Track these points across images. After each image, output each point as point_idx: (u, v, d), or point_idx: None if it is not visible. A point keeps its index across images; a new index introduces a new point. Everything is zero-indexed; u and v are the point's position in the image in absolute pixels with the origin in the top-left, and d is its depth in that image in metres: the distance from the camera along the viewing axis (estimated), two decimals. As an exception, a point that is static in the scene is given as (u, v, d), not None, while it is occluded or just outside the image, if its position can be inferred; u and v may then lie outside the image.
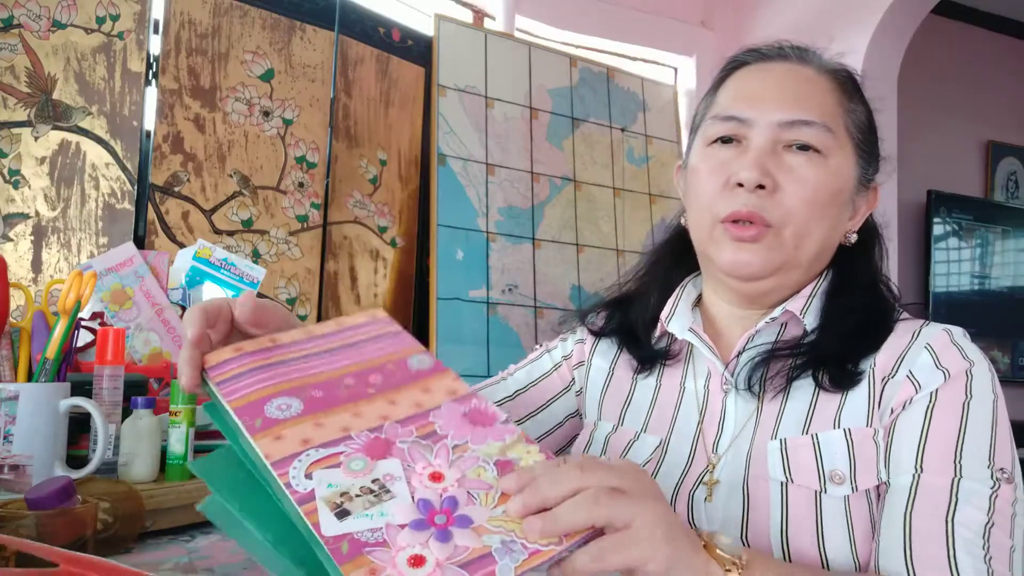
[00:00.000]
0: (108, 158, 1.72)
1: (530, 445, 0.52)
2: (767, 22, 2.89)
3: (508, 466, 0.50)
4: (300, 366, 0.57)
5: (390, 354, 0.59)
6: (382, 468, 0.48)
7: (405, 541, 0.44)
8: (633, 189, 2.63)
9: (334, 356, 0.58)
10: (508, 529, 0.46)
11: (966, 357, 0.69)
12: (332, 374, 0.56)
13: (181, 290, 1.24)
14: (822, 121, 0.73)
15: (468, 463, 0.50)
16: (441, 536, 0.44)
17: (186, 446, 0.87)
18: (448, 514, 0.46)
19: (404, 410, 0.54)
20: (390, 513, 0.45)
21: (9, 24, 1.63)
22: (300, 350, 0.58)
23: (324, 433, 0.50)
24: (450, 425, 0.53)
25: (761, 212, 0.71)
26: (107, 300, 1.16)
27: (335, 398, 0.54)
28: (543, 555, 0.45)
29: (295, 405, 0.53)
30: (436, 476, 0.49)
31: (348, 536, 0.44)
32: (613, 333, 0.89)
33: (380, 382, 0.56)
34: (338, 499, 0.46)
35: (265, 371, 0.55)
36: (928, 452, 0.65)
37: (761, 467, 0.71)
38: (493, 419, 0.53)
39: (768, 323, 0.76)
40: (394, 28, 2.28)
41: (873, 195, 0.80)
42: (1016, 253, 3.58)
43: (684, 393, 0.80)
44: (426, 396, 0.55)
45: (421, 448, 0.50)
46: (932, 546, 0.61)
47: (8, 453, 0.79)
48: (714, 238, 0.75)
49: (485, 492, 0.48)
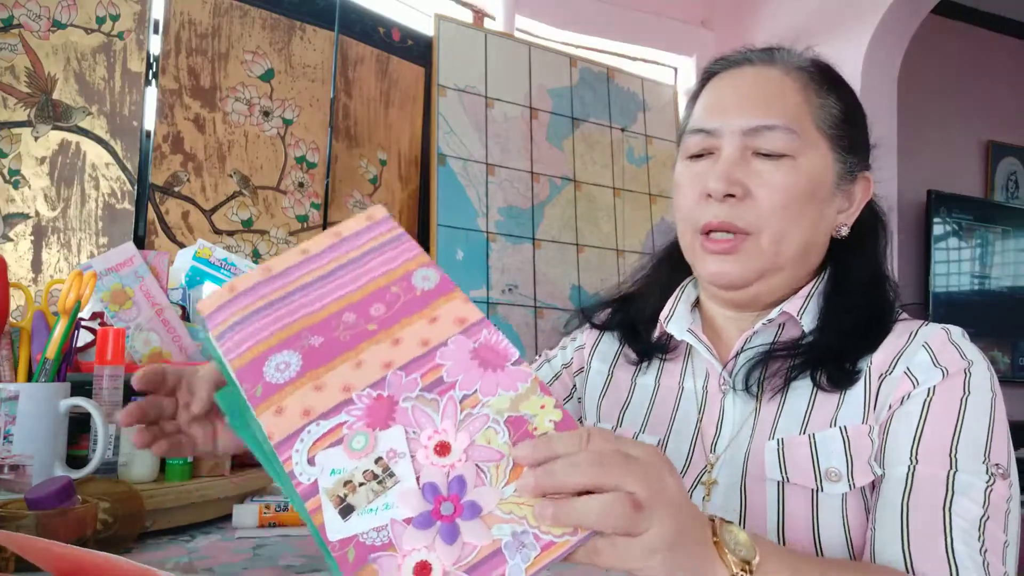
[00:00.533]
0: (108, 158, 1.72)
1: (544, 396, 0.48)
2: (767, 22, 2.89)
3: (521, 425, 0.47)
4: (298, 301, 0.54)
5: (393, 271, 0.55)
6: (384, 443, 0.46)
7: (410, 544, 0.43)
8: (633, 189, 2.63)
9: (333, 280, 0.55)
10: (520, 516, 0.44)
11: (964, 356, 0.69)
12: (331, 308, 0.53)
13: (181, 290, 1.24)
14: (784, 123, 0.73)
15: (477, 424, 0.47)
16: (447, 535, 0.43)
17: (186, 446, 0.87)
18: (455, 501, 0.44)
19: (409, 351, 0.50)
20: (394, 505, 0.44)
21: (9, 24, 1.63)
22: (296, 279, 0.55)
23: (325, 398, 0.48)
24: (458, 369, 0.49)
25: (732, 220, 0.72)
26: (107, 300, 1.16)
27: (334, 346, 0.51)
28: (556, 548, 0.43)
29: (293, 363, 0.50)
30: (442, 448, 0.46)
31: (354, 540, 0.43)
32: (616, 327, 0.90)
33: (382, 314, 0.53)
34: (342, 491, 0.45)
35: (261, 315, 0.53)
36: (924, 444, 0.65)
37: (758, 467, 0.71)
38: (505, 358, 0.50)
39: (765, 324, 0.76)
40: (394, 28, 2.28)
41: (865, 184, 0.78)
42: (1016, 253, 3.58)
43: (683, 393, 0.81)
44: (433, 329, 0.51)
45: (426, 408, 0.48)
46: (929, 535, 0.61)
47: (8, 453, 0.79)
48: (695, 250, 0.77)
49: (495, 464, 0.45)
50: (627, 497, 0.44)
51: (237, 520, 0.87)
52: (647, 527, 0.45)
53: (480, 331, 0.51)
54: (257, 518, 0.87)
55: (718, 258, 0.74)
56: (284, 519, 0.87)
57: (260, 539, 0.82)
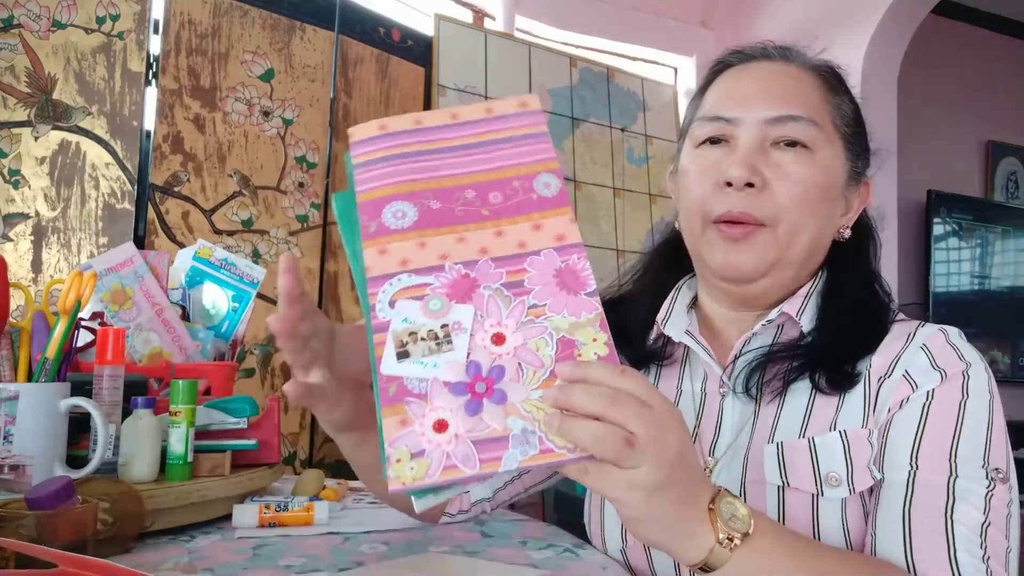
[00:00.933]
0: (108, 158, 1.72)
1: (600, 331, 0.52)
2: (767, 22, 2.89)
3: (570, 346, 0.51)
4: (432, 162, 0.58)
5: (521, 165, 0.58)
6: (455, 314, 0.52)
7: (440, 402, 0.49)
8: (633, 189, 2.63)
9: (469, 154, 0.58)
10: (535, 418, 0.49)
11: (962, 358, 0.69)
12: (459, 180, 0.57)
13: (181, 290, 1.24)
14: (808, 116, 0.73)
15: (534, 331, 0.51)
16: (471, 408, 0.49)
17: (186, 446, 0.87)
18: (490, 384, 0.50)
19: (506, 246, 0.54)
20: (442, 366, 0.50)
21: (9, 24, 1.63)
22: (439, 140, 0.59)
23: (423, 256, 0.54)
24: (539, 280, 0.53)
25: (751, 211, 0.71)
26: (107, 300, 1.16)
27: (448, 215, 0.55)
28: (552, 456, 0.48)
29: (410, 214, 0.55)
30: (498, 338, 0.51)
31: (399, 380, 0.50)
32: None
33: (499, 203, 0.56)
34: (406, 338, 0.51)
35: (398, 162, 0.57)
36: (924, 449, 0.65)
37: (758, 471, 0.71)
38: (582, 287, 0.53)
39: (765, 325, 0.75)
40: (394, 28, 2.28)
41: (865, 190, 0.79)
42: (1016, 253, 3.58)
43: (681, 396, 0.80)
44: (534, 235, 0.55)
45: (500, 301, 0.52)
46: (932, 542, 0.61)
47: (8, 453, 0.79)
48: (706, 239, 0.75)
49: (535, 370, 0.50)
50: (623, 433, 0.48)
51: (237, 520, 0.87)
52: (635, 464, 0.48)
53: (572, 254, 0.54)
54: (257, 518, 0.87)
55: (731, 247, 0.73)
56: (284, 519, 0.88)
57: (260, 539, 0.82)
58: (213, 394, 1.06)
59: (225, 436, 0.96)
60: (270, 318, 0.57)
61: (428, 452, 0.47)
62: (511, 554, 0.78)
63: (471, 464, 0.47)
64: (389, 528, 0.88)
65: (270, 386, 1.90)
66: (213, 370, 1.09)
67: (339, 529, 0.87)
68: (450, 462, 0.47)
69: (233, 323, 1.25)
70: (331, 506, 0.95)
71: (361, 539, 0.83)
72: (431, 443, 0.48)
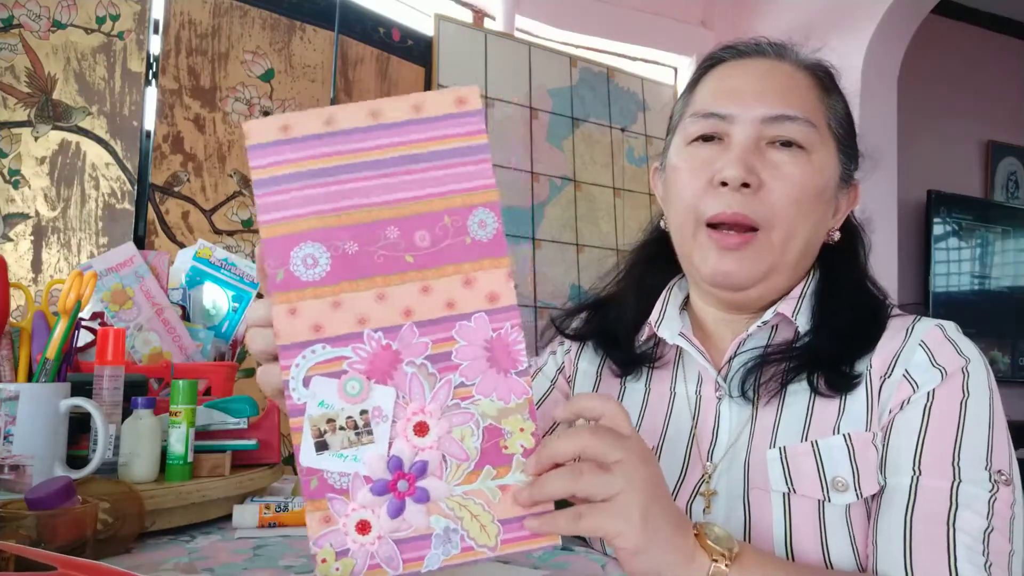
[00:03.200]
0: (108, 158, 1.72)
1: (528, 420, 0.50)
2: (767, 22, 2.89)
3: (495, 436, 0.49)
4: (348, 184, 0.50)
5: (454, 195, 0.50)
6: (375, 398, 0.49)
7: (361, 501, 0.48)
8: (633, 189, 2.63)
9: (391, 174, 0.50)
10: (458, 516, 0.49)
11: (961, 353, 0.68)
12: (380, 213, 0.50)
13: (181, 290, 1.24)
14: (805, 116, 0.71)
15: (460, 418, 0.49)
16: (393, 509, 0.48)
17: (186, 446, 0.87)
18: (412, 481, 0.49)
19: (432, 308, 0.49)
20: (362, 461, 0.49)
21: (9, 24, 1.63)
22: (356, 150, 0.50)
23: (338, 321, 0.49)
24: (467, 353, 0.49)
25: (746, 212, 0.69)
26: (107, 300, 1.16)
27: (367, 263, 0.49)
28: (473, 554, 0.48)
29: (322, 262, 0.49)
30: (421, 428, 0.49)
31: (320, 473, 0.48)
32: (590, 336, 0.86)
33: (426, 247, 0.50)
34: (323, 426, 0.49)
35: (307, 184, 0.49)
36: (926, 454, 0.64)
37: (761, 478, 0.69)
38: (513, 364, 0.50)
39: (759, 327, 0.74)
40: (394, 28, 2.28)
41: (854, 192, 0.78)
42: (1016, 253, 3.58)
43: (675, 398, 0.79)
44: (464, 293, 0.50)
45: (424, 381, 0.49)
46: (933, 552, 0.61)
47: (8, 453, 0.79)
48: (698, 243, 0.73)
49: (458, 464, 0.49)
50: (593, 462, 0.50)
51: (237, 520, 0.87)
52: (619, 488, 0.50)
53: (504, 321, 0.50)
54: (257, 518, 0.87)
55: (727, 255, 0.71)
56: (284, 519, 0.87)
57: (260, 539, 0.82)
58: (213, 394, 1.05)
59: (225, 436, 0.96)
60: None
61: (352, 552, 0.48)
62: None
63: (394, 565, 0.48)
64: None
65: (270, 386, 1.89)
66: (213, 370, 1.09)
67: (339, 529, 0.87)
68: (374, 561, 0.48)
69: (233, 323, 1.24)
70: (331, 506, 0.95)
71: (361, 539, 0.83)
72: (355, 543, 0.48)
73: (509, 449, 0.50)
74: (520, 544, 0.49)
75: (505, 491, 0.49)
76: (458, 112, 0.51)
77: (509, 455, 0.50)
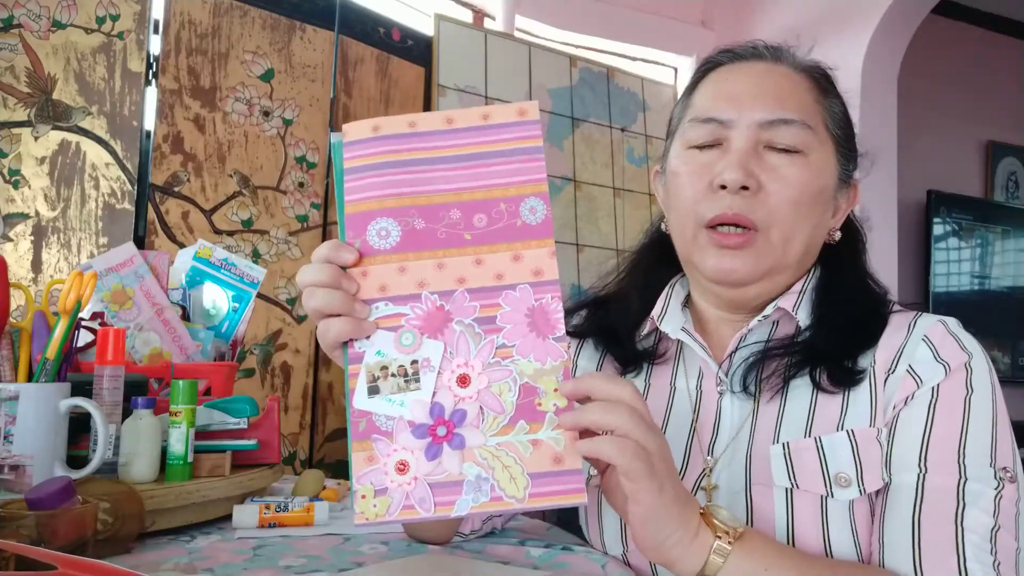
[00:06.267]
0: (108, 158, 1.72)
1: (563, 381, 0.54)
2: (767, 22, 2.89)
3: (531, 394, 0.54)
4: (422, 173, 0.58)
5: (510, 185, 0.58)
6: (425, 350, 0.55)
7: (403, 442, 0.53)
8: (633, 189, 2.63)
9: (459, 168, 0.58)
10: (490, 466, 0.52)
11: (964, 348, 0.69)
12: (445, 197, 0.58)
13: (181, 290, 1.24)
14: (802, 118, 0.72)
15: (499, 374, 0.54)
16: (430, 452, 0.53)
17: (186, 446, 0.87)
18: (450, 428, 0.53)
19: (483, 277, 0.56)
20: (408, 406, 0.53)
21: (9, 24, 1.63)
22: (432, 148, 0.59)
23: (402, 283, 0.56)
24: (511, 318, 0.55)
25: (746, 213, 0.71)
26: (107, 300, 1.16)
27: (431, 237, 0.57)
28: (502, 504, 0.51)
29: (393, 234, 0.57)
30: (463, 380, 0.54)
31: (369, 416, 0.53)
32: (591, 334, 0.87)
33: (482, 227, 0.57)
34: (377, 372, 0.54)
35: (389, 171, 0.58)
36: (932, 451, 0.65)
37: (764, 473, 0.70)
38: (551, 330, 0.55)
39: (760, 321, 0.75)
40: (394, 28, 2.28)
41: (853, 192, 0.79)
42: (1016, 253, 3.58)
43: (675, 393, 0.79)
44: (512, 267, 0.56)
45: (470, 339, 0.55)
46: (942, 551, 0.61)
47: (8, 453, 0.79)
48: (698, 244, 0.74)
49: (495, 415, 0.53)
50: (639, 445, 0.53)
51: (237, 520, 0.87)
52: (653, 448, 0.53)
53: (546, 293, 0.56)
54: (257, 518, 0.87)
55: (727, 253, 0.72)
56: (284, 519, 0.87)
57: (260, 539, 0.82)
58: (213, 394, 1.05)
59: (225, 436, 0.96)
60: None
61: (390, 491, 0.52)
62: (511, 553, 0.78)
63: (427, 507, 0.51)
64: (389, 528, 0.88)
65: (270, 386, 1.90)
66: (213, 370, 1.09)
67: (339, 529, 0.87)
68: (408, 502, 0.52)
69: (233, 323, 1.24)
70: (331, 506, 0.95)
71: (361, 539, 0.83)
72: (393, 482, 0.52)
73: (543, 407, 0.53)
74: (547, 499, 0.52)
75: (537, 446, 0.53)
76: (519, 120, 0.60)
77: (542, 412, 0.53)
